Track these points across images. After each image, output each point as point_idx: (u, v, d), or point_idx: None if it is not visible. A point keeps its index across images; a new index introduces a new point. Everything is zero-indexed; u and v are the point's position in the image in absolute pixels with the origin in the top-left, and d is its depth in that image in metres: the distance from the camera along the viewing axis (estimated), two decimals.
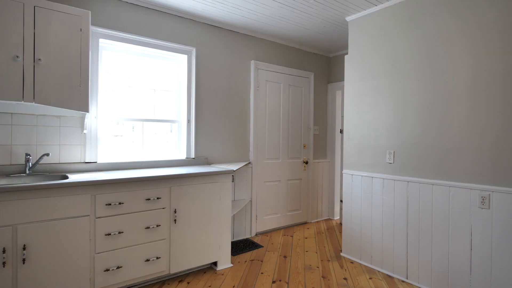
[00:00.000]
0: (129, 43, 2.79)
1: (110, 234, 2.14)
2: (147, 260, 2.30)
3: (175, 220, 2.42)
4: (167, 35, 2.99)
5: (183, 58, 3.17)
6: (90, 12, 2.26)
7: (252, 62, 3.62)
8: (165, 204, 2.38)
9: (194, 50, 3.17)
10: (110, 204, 2.13)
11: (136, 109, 2.93)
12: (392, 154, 2.70)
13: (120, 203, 2.17)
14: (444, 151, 2.37)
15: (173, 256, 2.43)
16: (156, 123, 3.05)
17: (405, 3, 2.64)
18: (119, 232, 2.17)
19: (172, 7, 2.92)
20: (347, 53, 4.10)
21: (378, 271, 2.75)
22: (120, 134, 2.85)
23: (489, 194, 2.12)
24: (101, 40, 2.66)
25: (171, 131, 3.16)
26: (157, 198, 2.33)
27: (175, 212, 2.42)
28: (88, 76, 2.25)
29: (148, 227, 2.29)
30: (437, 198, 2.39)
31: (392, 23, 2.74)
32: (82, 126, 2.54)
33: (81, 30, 2.22)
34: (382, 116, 2.80)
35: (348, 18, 3.13)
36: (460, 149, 2.28)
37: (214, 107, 3.34)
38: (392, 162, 2.70)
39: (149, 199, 2.30)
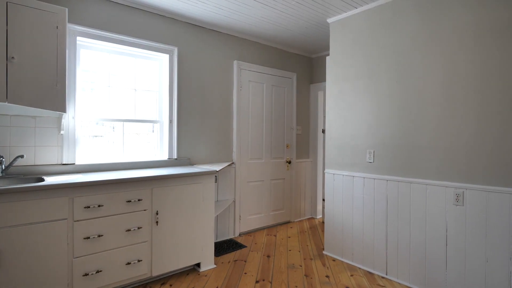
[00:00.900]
0: (109, 41, 2.72)
1: (89, 238, 2.08)
2: (128, 264, 2.25)
3: (157, 222, 2.39)
4: (148, 34, 2.95)
5: (165, 57, 3.12)
6: (67, 9, 2.19)
7: (235, 62, 3.62)
8: (146, 206, 2.34)
9: (176, 50, 3.13)
10: (89, 207, 2.07)
11: (116, 109, 2.86)
12: (372, 153, 2.77)
13: (99, 206, 2.11)
14: (421, 150, 2.45)
15: (155, 258, 2.39)
16: (137, 124, 3.00)
17: (383, 6, 2.71)
18: (99, 236, 2.11)
19: (153, 6, 2.88)
20: (328, 54, 4.16)
21: (359, 268, 2.81)
22: (100, 135, 2.78)
23: (463, 192, 2.21)
24: (79, 38, 2.58)
25: (153, 132, 3.12)
26: (138, 200, 2.29)
27: (157, 213, 2.39)
28: (65, 75, 2.18)
29: (129, 230, 2.25)
30: (415, 196, 2.47)
31: (371, 26, 2.81)
32: (59, 126, 2.46)
33: (57, 28, 2.14)
34: (362, 117, 2.87)
35: (329, 20, 3.18)
36: (436, 149, 2.36)
37: (197, 107, 3.31)
38: (372, 161, 2.77)
39: (130, 201, 2.25)
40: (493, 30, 2.08)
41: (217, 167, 2.96)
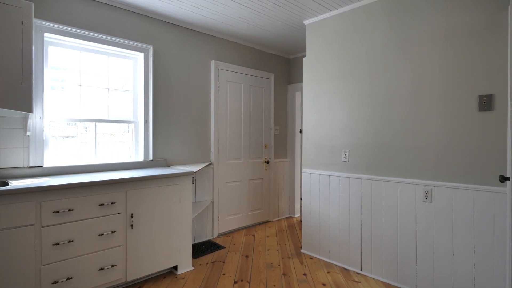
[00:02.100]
0: (80, 38, 2.61)
1: (58, 244, 1.99)
2: (102, 269, 2.17)
3: (131, 225, 2.32)
4: (122, 32, 2.86)
5: (140, 56, 3.04)
6: (32, 4, 2.08)
7: (213, 62, 3.59)
8: (120, 209, 2.27)
9: (151, 48, 3.06)
10: (58, 212, 1.98)
11: (88, 109, 2.75)
12: (347, 153, 2.85)
13: (69, 210, 2.03)
14: (393, 150, 2.55)
15: (130, 262, 2.33)
16: (111, 124, 2.90)
17: (356, 10, 2.79)
18: (69, 241, 2.03)
19: (127, 3, 2.79)
20: (305, 56, 4.23)
21: (336, 265, 2.88)
22: (72, 135, 2.67)
23: (431, 189, 2.32)
24: (46, 34, 2.46)
25: (127, 132, 3.03)
26: (112, 203, 2.22)
27: (131, 217, 2.32)
28: (31, 73, 2.07)
29: (102, 234, 2.17)
30: (387, 193, 2.57)
31: (346, 28, 2.88)
32: (25, 127, 2.33)
33: (22, 23, 2.03)
34: (338, 117, 2.94)
35: (306, 22, 3.23)
36: (406, 148, 2.46)
37: (173, 107, 3.25)
38: (347, 160, 2.85)
39: (103, 205, 2.18)
40: (458, 35, 2.20)
41: (194, 168, 2.92)
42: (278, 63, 4.45)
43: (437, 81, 2.30)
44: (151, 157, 3.06)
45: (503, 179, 1.66)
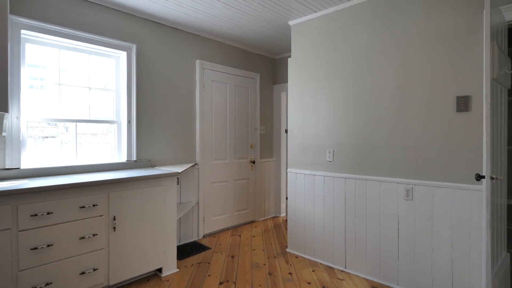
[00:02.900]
0: (59, 36, 2.53)
1: (37, 248, 1.92)
2: (83, 273, 2.12)
3: (114, 228, 2.27)
4: (104, 30, 2.79)
5: (123, 54, 2.98)
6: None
7: (198, 61, 3.56)
8: (102, 212, 2.22)
9: (134, 47, 3.00)
10: (36, 215, 1.92)
11: (68, 108, 2.67)
12: (332, 152, 2.88)
13: (48, 213, 1.96)
14: (376, 149, 2.60)
15: (113, 266, 2.28)
16: (93, 124, 2.83)
17: (340, 12, 2.83)
18: (48, 245, 1.96)
19: (109, 0, 2.73)
20: (291, 56, 4.26)
21: (321, 264, 2.91)
22: (52, 136, 2.58)
23: (412, 187, 2.38)
24: (24, 31, 2.37)
25: (110, 132, 2.96)
26: (93, 205, 2.16)
27: (114, 219, 2.27)
28: (6, 70, 1.99)
29: (83, 237, 2.11)
30: (370, 192, 2.62)
31: (330, 30, 2.91)
32: (0, 128, 2.24)
33: None
34: (322, 117, 2.97)
35: (290, 22, 3.25)
36: (388, 147, 2.52)
37: (158, 107, 3.20)
38: (331, 160, 2.89)
39: (84, 207, 2.12)
40: (437, 38, 2.27)
41: (179, 169, 2.89)
42: (264, 63, 4.45)
43: (418, 82, 2.36)
44: (134, 158, 3.00)
45: (479, 177, 1.72)
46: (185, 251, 3.17)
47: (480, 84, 2.08)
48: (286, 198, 4.60)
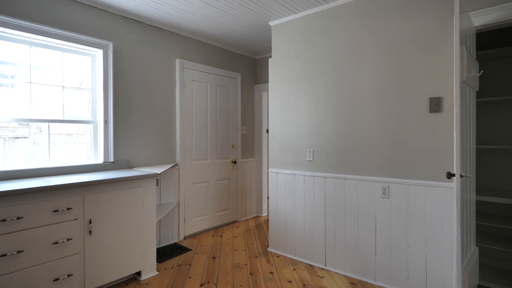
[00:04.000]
0: (29, 32, 2.42)
1: (6, 255, 1.83)
2: (56, 280, 2.04)
3: (90, 232, 2.20)
4: (78, 26, 2.69)
5: (99, 52, 2.89)
6: None
7: (177, 60, 3.51)
8: (77, 215, 2.14)
9: (111, 45, 2.92)
10: (5, 220, 1.82)
11: (41, 108, 2.56)
12: (312, 152, 2.92)
13: (18, 218, 1.87)
14: (354, 149, 2.66)
15: (89, 271, 2.21)
16: (68, 124, 2.72)
17: (320, 13, 2.88)
18: (18, 252, 1.87)
19: None
20: (271, 56, 4.28)
21: (301, 262, 2.95)
22: (23, 136, 2.47)
23: (389, 185, 2.46)
24: None
25: (86, 132, 2.86)
26: (68, 209, 2.08)
27: (90, 222, 2.20)
28: None
29: (56, 242, 2.03)
30: (349, 191, 2.68)
31: (310, 31, 2.95)
32: None
33: None
34: (303, 118, 3.01)
35: (271, 23, 3.27)
36: (366, 147, 2.59)
37: (136, 107, 3.13)
38: (311, 160, 2.93)
39: (57, 211, 2.04)
40: (412, 41, 2.35)
41: (158, 170, 2.84)
42: (245, 63, 4.45)
43: (394, 83, 2.44)
44: (111, 159, 2.92)
45: (450, 175, 1.80)
46: (165, 253, 3.12)
47: (451, 86, 2.17)
48: (268, 198, 4.62)
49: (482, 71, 2.03)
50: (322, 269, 2.80)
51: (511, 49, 2.60)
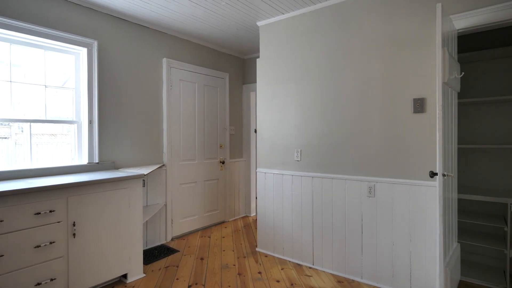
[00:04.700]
0: (10, 29, 2.34)
1: None
2: (39, 284, 1.98)
3: (74, 234, 2.15)
4: (61, 24, 2.62)
5: (83, 51, 2.83)
6: None
7: (165, 59, 3.47)
8: (61, 217, 2.09)
9: (96, 43, 2.86)
10: None
11: (23, 107, 2.49)
12: (299, 152, 2.95)
13: None
14: (341, 149, 2.69)
15: (73, 275, 2.16)
16: (50, 125, 2.66)
17: (306, 14, 2.90)
18: None
19: None
20: (259, 56, 4.29)
21: (289, 261, 2.97)
22: (4, 136, 2.39)
23: (374, 185, 2.50)
24: None
25: (70, 133, 2.79)
26: (50, 211, 2.03)
27: (74, 225, 2.15)
28: None
29: (38, 246, 1.98)
30: (336, 190, 2.71)
31: (297, 32, 2.97)
32: None
33: None
34: (290, 118, 3.02)
35: (259, 23, 3.27)
36: (352, 147, 2.62)
37: (122, 107, 3.08)
38: (299, 160, 2.95)
39: (40, 213, 1.98)
40: (395, 43, 2.40)
41: (145, 170, 2.80)
42: (233, 63, 4.44)
43: (379, 84, 2.48)
44: (96, 160, 2.86)
45: (433, 174, 1.85)
46: (152, 255, 3.08)
47: (434, 87, 2.23)
48: (256, 198, 4.63)
49: (463, 73, 2.09)
50: (310, 268, 2.83)
51: (491, 51, 2.68)
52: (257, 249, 3.26)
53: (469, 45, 2.94)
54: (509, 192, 2.65)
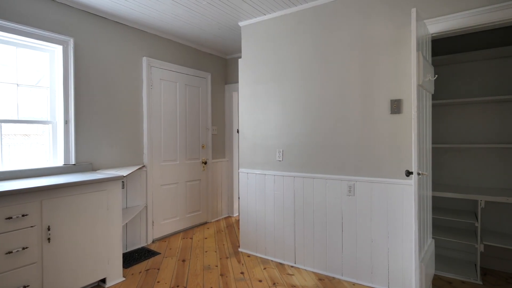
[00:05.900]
0: None
1: None
2: None
3: (48, 239, 2.07)
4: (34, 20, 2.52)
5: (58, 48, 2.73)
6: None
7: (144, 58, 3.40)
8: (34, 222, 2.01)
9: (71, 41, 2.76)
10: None
11: None
12: (281, 152, 2.97)
13: None
14: (321, 148, 2.74)
15: (48, 281, 2.08)
16: (22, 125, 2.54)
17: (287, 16, 2.93)
18: None
19: None
20: (241, 57, 4.28)
21: (272, 261, 2.99)
22: None
23: (354, 184, 2.56)
24: None
25: (44, 133, 2.69)
26: (23, 216, 1.95)
27: (48, 229, 2.07)
28: None
29: (10, 252, 1.89)
30: (317, 189, 2.75)
31: (279, 32, 3.00)
32: None
33: None
34: (272, 118, 3.04)
35: (240, 23, 3.27)
36: (333, 147, 2.67)
37: (100, 106, 2.99)
38: (281, 160, 2.97)
39: (11, 218, 1.90)
40: (373, 45, 2.46)
41: (124, 172, 2.74)
42: (215, 62, 4.42)
43: (358, 86, 2.54)
44: (73, 161, 2.77)
45: (408, 173, 1.91)
46: (133, 258, 3.01)
47: (410, 89, 2.31)
48: (239, 198, 4.62)
49: (436, 76, 2.18)
50: (292, 266, 2.86)
51: (463, 55, 2.81)
52: (240, 249, 3.26)
53: (443, 49, 3.06)
54: (480, 189, 2.79)
